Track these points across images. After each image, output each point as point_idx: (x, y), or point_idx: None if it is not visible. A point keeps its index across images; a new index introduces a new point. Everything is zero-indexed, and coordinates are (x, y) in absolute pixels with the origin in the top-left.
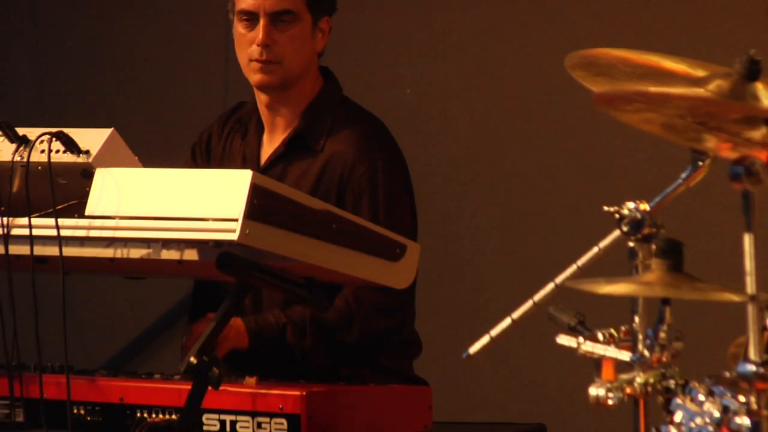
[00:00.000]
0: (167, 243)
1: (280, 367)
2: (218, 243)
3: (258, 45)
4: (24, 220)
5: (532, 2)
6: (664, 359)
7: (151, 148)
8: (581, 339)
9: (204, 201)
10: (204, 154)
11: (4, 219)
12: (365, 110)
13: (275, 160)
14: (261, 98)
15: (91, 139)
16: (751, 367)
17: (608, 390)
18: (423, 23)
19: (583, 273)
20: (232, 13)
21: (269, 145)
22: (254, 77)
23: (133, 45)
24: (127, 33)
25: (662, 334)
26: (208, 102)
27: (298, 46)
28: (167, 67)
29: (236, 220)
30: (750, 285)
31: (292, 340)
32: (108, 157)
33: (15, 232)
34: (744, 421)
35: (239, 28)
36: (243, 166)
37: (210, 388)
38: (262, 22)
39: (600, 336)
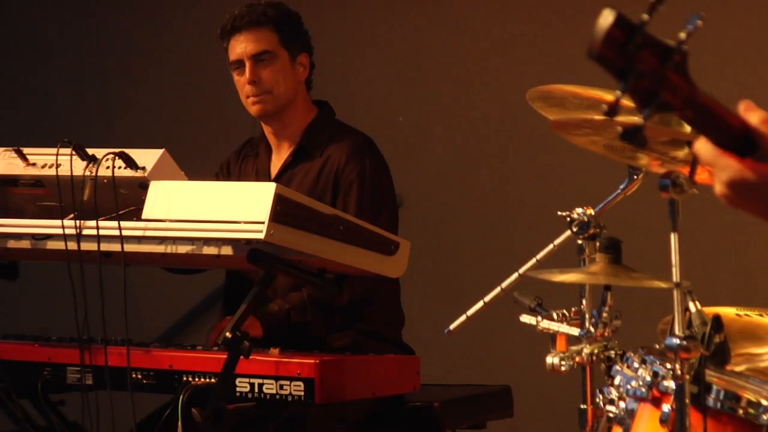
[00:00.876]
0: (208, 241)
1: (293, 342)
2: (248, 241)
3: (248, 83)
4: (92, 223)
5: (501, 48)
6: (606, 334)
7: (195, 165)
8: (540, 318)
9: (237, 207)
10: (225, 176)
11: (77, 222)
12: (356, 129)
13: (283, 170)
14: (266, 128)
15: (147, 157)
16: (676, 341)
17: (561, 359)
18: (413, 64)
19: (541, 265)
20: (229, 68)
21: (277, 161)
22: (252, 109)
23: (177, 79)
24: (173, 70)
25: (604, 314)
26: (240, 125)
27: (281, 77)
28: (207, 96)
29: (263, 222)
30: (675, 274)
31: (296, 318)
32: (160, 172)
33: (85, 232)
34: (670, 384)
35: (235, 76)
36: (256, 179)
37: (242, 357)
38: (247, 65)
39: (555, 315)
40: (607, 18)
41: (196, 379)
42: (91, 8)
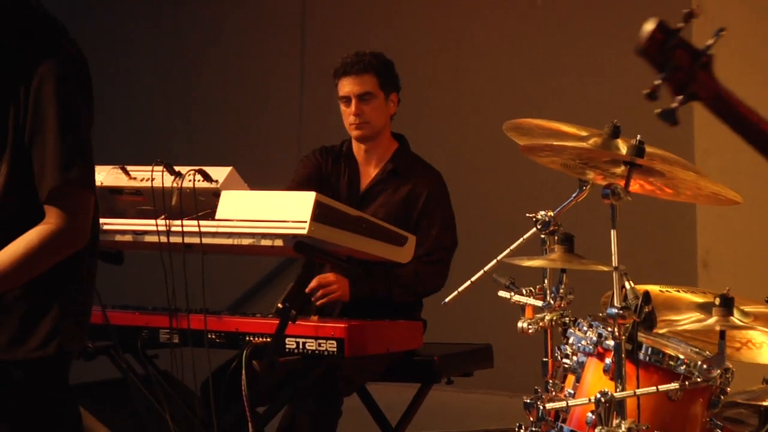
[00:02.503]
0: (264, 236)
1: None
2: (295, 236)
3: (353, 115)
4: (178, 222)
5: (485, 87)
6: (562, 305)
7: (255, 178)
8: (513, 293)
9: (286, 210)
10: (314, 169)
11: (167, 221)
12: (425, 161)
13: (374, 184)
14: (359, 147)
15: (219, 173)
16: (615, 310)
17: (529, 324)
18: (416, 94)
19: (514, 253)
20: (338, 100)
21: (365, 176)
22: (354, 133)
23: (245, 107)
24: (242, 100)
25: (561, 291)
26: (285, 140)
27: (377, 112)
28: (265, 122)
29: (306, 222)
30: (614, 260)
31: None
32: (229, 184)
33: (173, 229)
34: (610, 343)
35: (342, 105)
36: (348, 188)
37: (290, 322)
38: (353, 101)
39: (524, 291)
40: (651, 23)
41: (256, 339)
42: (179, 46)
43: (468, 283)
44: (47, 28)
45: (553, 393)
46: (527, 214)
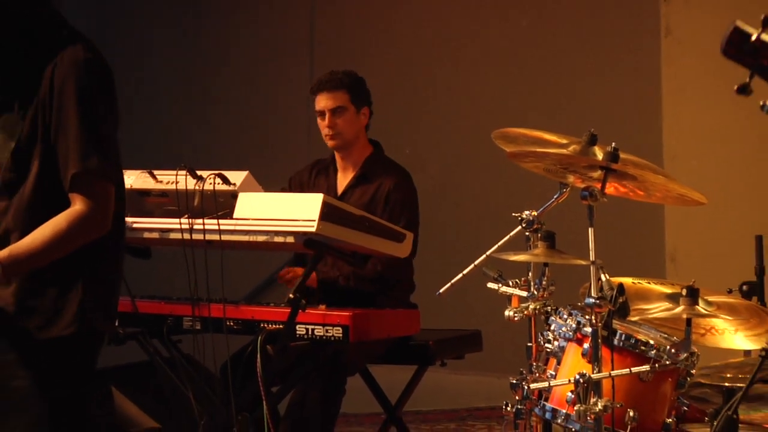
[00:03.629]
0: (277, 233)
1: (343, 300)
2: (305, 233)
3: (327, 127)
4: (200, 221)
5: (473, 100)
6: (545, 296)
7: (269, 181)
8: (500, 284)
9: (297, 209)
10: (297, 185)
11: (190, 220)
12: (397, 163)
13: (348, 188)
14: (337, 155)
15: (237, 176)
16: (592, 300)
17: (515, 312)
18: (414, 107)
19: (501, 249)
20: (315, 114)
21: (343, 180)
22: (329, 143)
23: (261, 118)
24: (260, 112)
25: (544, 282)
26: (295, 143)
27: (349, 124)
28: (269, 126)
29: (314, 220)
30: (591, 255)
31: (344, 283)
32: (245, 187)
33: (196, 227)
34: (588, 329)
35: (318, 119)
36: (328, 192)
37: (300, 311)
38: (327, 115)
39: (510, 283)
40: (731, 27)
41: (270, 326)
42: (197, 56)
43: (460, 275)
44: (69, 37)
45: (537, 374)
46: (513, 214)
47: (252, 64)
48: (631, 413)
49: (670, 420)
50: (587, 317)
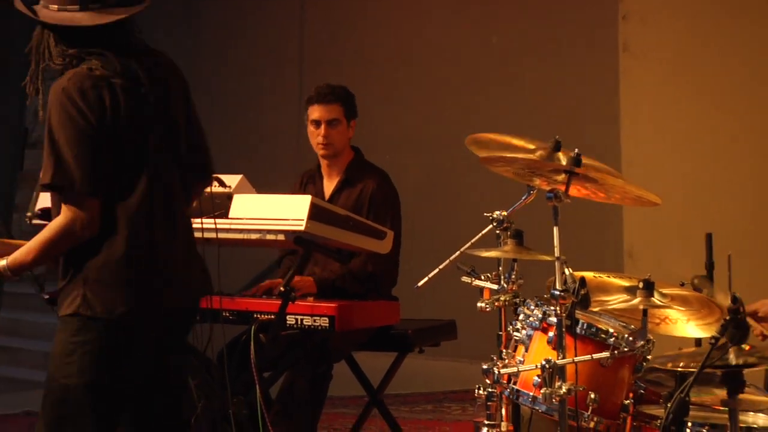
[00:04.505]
0: (269, 231)
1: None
2: (294, 231)
3: (321, 137)
4: (198, 220)
5: (448, 109)
6: (514, 288)
7: (261, 183)
8: (473, 278)
9: (287, 210)
10: (297, 191)
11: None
12: (376, 165)
13: (334, 193)
14: (323, 162)
15: (232, 180)
16: (556, 292)
17: (486, 304)
18: (396, 116)
19: (474, 246)
20: (306, 119)
21: (329, 186)
22: (320, 152)
23: (254, 125)
24: (253, 122)
25: (513, 276)
26: (285, 155)
27: (341, 135)
28: (260, 133)
29: (303, 220)
30: (556, 251)
31: (339, 284)
32: (240, 189)
33: (194, 226)
34: (553, 319)
35: (310, 127)
36: (316, 197)
37: (290, 303)
38: (323, 125)
39: (482, 277)
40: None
41: (263, 316)
42: (192, 64)
43: (437, 270)
44: (73, 63)
45: (507, 360)
46: (485, 214)
47: (243, 73)
48: (593, 395)
49: (628, 402)
50: (552, 308)
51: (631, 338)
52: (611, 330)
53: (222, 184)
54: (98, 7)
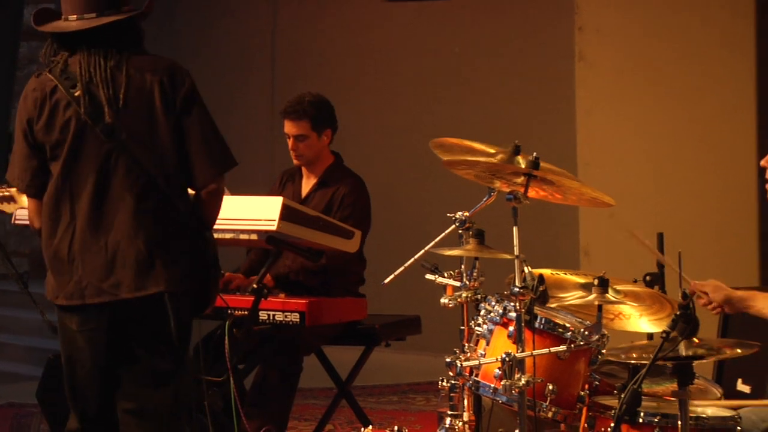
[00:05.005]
0: (243, 231)
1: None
2: (266, 231)
3: (291, 150)
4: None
5: (414, 113)
6: (476, 285)
7: (237, 185)
8: (437, 275)
9: (260, 211)
10: (276, 190)
11: None
12: (353, 171)
13: (310, 193)
14: (302, 167)
15: None
16: (516, 289)
17: (449, 300)
18: (363, 122)
19: (437, 245)
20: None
21: (306, 186)
22: (294, 161)
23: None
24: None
25: (474, 274)
26: (258, 157)
27: (310, 148)
28: (234, 135)
29: (275, 220)
30: (516, 250)
31: (293, 277)
32: None
33: None
34: (513, 314)
35: (287, 139)
36: (293, 196)
37: (263, 299)
38: (291, 139)
39: (446, 274)
40: None
41: (237, 312)
42: None
43: (402, 268)
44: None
45: (469, 354)
46: (448, 215)
47: (217, 77)
48: (551, 387)
49: (584, 393)
50: (512, 304)
51: (586, 332)
52: (568, 325)
53: None
54: (93, 16)
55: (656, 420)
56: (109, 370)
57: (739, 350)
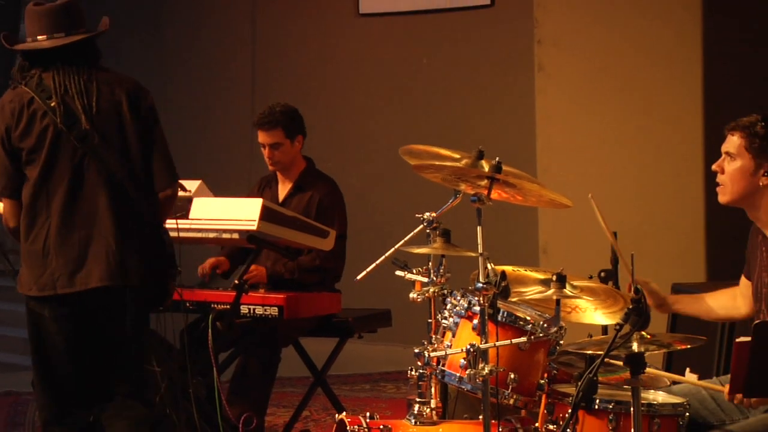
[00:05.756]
0: (225, 231)
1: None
2: (247, 230)
3: (267, 157)
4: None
5: (385, 122)
6: (442, 281)
7: (219, 188)
8: (406, 272)
9: (241, 212)
10: (256, 194)
11: None
12: (325, 174)
13: (287, 197)
14: (278, 173)
15: (192, 185)
16: (480, 284)
17: (418, 294)
18: (338, 130)
19: (407, 244)
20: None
21: (283, 190)
22: (270, 168)
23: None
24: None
25: (441, 270)
26: (239, 161)
27: (284, 154)
28: (228, 148)
29: (255, 220)
30: (480, 248)
31: (288, 276)
32: (199, 193)
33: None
34: (477, 308)
35: (261, 147)
36: (271, 200)
37: (244, 294)
38: (267, 148)
39: (415, 270)
40: None
41: (219, 306)
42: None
43: (374, 265)
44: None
45: (436, 345)
46: (416, 215)
47: (201, 86)
48: (512, 375)
49: (543, 381)
50: (476, 298)
51: (545, 325)
52: (528, 318)
53: (182, 188)
54: (62, 35)
55: (610, 406)
56: (79, 354)
57: (688, 345)
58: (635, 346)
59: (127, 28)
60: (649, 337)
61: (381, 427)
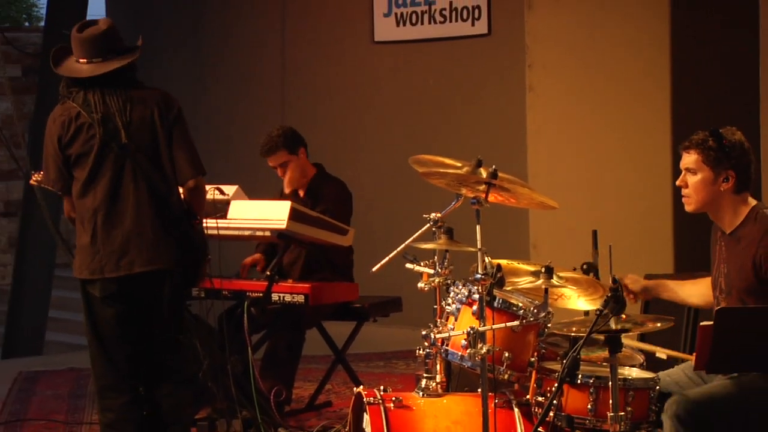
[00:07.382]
0: (258, 229)
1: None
2: (278, 229)
3: (282, 177)
4: (205, 221)
5: (398, 135)
6: (446, 273)
7: (253, 191)
8: (415, 265)
9: (273, 212)
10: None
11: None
12: (334, 176)
13: (302, 200)
14: None
15: (230, 189)
16: (479, 275)
17: (425, 284)
18: (356, 141)
19: (416, 240)
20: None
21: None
22: (286, 190)
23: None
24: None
25: (445, 263)
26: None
27: (294, 170)
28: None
29: (285, 220)
30: (478, 244)
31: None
32: (236, 196)
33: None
34: (476, 296)
35: (276, 170)
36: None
37: (275, 284)
38: (278, 170)
39: (422, 263)
40: None
41: (253, 294)
42: (182, 87)
43: (387, 258)
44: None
45: (441, 328)
46: (424, 215)
47: (239, 101)
48: (506, 354)
49: (533, 359)
50: (476, 287)
51: (535, 310)
52: (521, 304)
53: (222, 192)
54: (100, 60)
55: (591, 381)
56: (125, 328)
57: (659, 324)
58: (613, 328)
59: (171, 48)
60: (624, 317)
61: (393, 398)
